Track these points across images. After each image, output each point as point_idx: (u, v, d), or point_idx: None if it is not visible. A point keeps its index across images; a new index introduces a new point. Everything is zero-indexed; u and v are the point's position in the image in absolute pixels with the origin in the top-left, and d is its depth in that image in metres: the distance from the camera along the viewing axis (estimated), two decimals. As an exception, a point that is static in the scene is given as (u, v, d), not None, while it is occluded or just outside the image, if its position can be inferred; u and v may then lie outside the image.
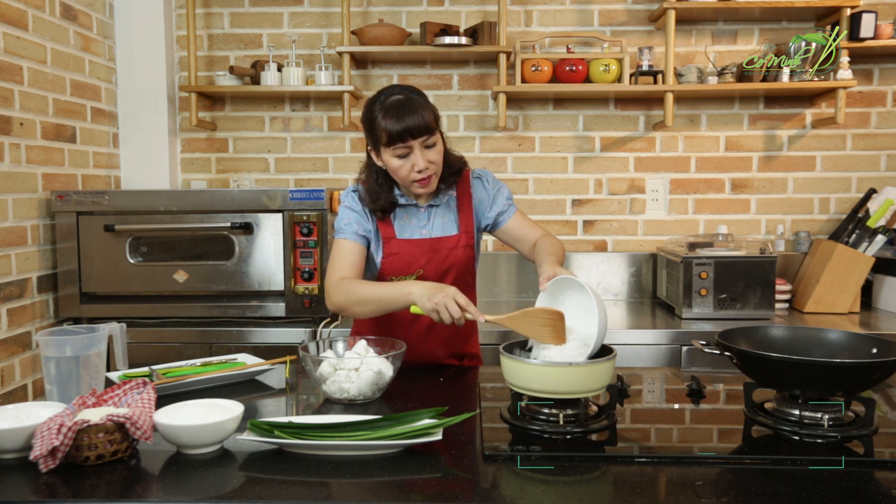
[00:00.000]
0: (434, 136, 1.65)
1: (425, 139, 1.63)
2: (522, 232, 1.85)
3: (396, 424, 1.22)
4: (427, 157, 1.65)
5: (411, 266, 1.75)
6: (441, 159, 1.70)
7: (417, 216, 1.79)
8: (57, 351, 1.37)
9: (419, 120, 1.61)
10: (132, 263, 2.54)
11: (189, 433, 1.17)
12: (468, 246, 1.80)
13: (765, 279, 2.57)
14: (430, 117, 1.64)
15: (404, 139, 1.61)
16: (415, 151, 1.64)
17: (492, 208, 1.85)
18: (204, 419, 1.19)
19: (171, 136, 3.05)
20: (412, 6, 3.03)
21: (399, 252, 1.76)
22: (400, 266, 1.75)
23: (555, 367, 1.27)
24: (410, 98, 1.65)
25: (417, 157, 1.64)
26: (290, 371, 1.65)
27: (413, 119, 1.60)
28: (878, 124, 3.00)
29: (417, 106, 1.63)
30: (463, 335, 1.87)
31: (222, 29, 3.08)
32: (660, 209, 3.07)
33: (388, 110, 1.62)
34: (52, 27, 2.53)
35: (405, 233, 1.78)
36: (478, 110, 3.07)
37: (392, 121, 1.61)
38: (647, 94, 2.91)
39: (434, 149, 1.67)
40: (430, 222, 1.79)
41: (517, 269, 3.03)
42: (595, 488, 1.10)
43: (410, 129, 1.60)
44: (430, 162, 1.66)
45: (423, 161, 1.64)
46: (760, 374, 1.33)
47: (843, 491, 1.04)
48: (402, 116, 1.60)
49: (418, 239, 1.77)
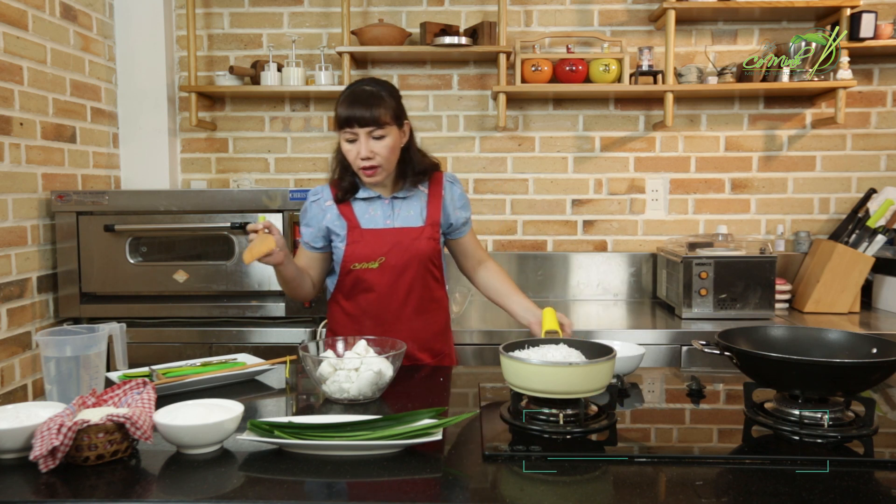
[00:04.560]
0: (382, 129, 1.74)
1: (371, 130, 1.73)
2: (472, 250, 2.01)
3: (396, 424, 1.22)
4: (371, 147, 1.74)
5: (373, 254, 1.82)
6: (389, 154, 1.77)
7: (382, 207, 1.86)
8: (57, 351, 1.37)
9: (367, 112, 1.72)
10: (132, 263, 2.54)
11: (189, 433, 1.17)
12: (432, 238, 1.86)
13: (765, 279, 2.57)
14: (383, 112, 1.73)
15: (350, 125, 1.73)
16: (360, 139, 1.74)
17: (455, 218, 1.93)
18: (204, 419, 1.19)
19: (171, 136, 3.05)
20: (412, 6, 3.04)
21: (361, 241, 1.84)
22: (362, 254, 1.83)
23: (555, 367, 1.27)
24: (371, 91, 1.76)
25: (362, 145, 1.74)
26: (290, 371, 1.65)
27: (361, 109, 1.72)
28: (878, 124, 3.00)
29: (373, 99, 1.74)
30: (434, 330, 1.91)
31: (222, 29, 3.09)
32: (660, 209, 3.07)
33: (346, 96, 1.76)
34: (52, 27, 2.53)
35: (369, 223, 1.86)
36: (478, 110, 3.07)
37: (344, 106, 1.74)
38: (647, 94, 2.91)
39: (381, 142, 1.75)
40: (394, 213, 1.86)
41: (517, 270, 3.03)
42: (595, 488, 1.10)
43: (356, 117, 1.72)
44: (374, 153, 1.74)
45: (365, 150, 1.74)
46: (760, 374, 1.33)
47: (844, 491, 1.04)
48: (353, 104, 1.73)
49: (381, 229, 1.84)
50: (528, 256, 3.04)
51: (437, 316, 1.93)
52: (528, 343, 1.42)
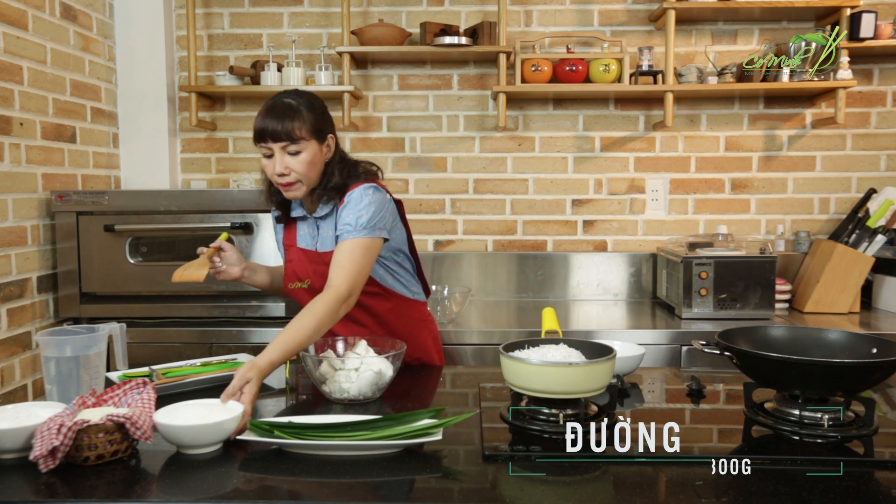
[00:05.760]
0: (296, 144, 1.65)
1: (285, 145, 1.65)
2: (331, 264, 1.66)
3: (396, 424, 1.22)
4: (286, 162, 1.66)
5: (302, 275, 1.79)
6: (306, 170, 1.68)
7: (311, 227, 1.81)
8: (57, 351, 1.37)
9: (279, 126, 1.64)
10: (132, 263, 2.54)
11: (189, 433, 1.17)
12: None
13: (765, 279, 2.57)
14: (297, 126, 1.64)
15: (264, 139, 1.66)
16: (276, 155, 1.67)
17: (338, 227, 1.73)
18: (204, 419, 1.19)
19: (171, 136, 3.05)
20: (412, 6, 3.03)
21: (293, 260, 1.82)
22: (292, 274, 1.81)
23: (555, 367, 1.27)
24: (287, 104, 1.67)
25: (277, 160, 1.67)
26: (290, 371, 1.65)
27: (273, 123, 1.64)
28: (878, 124, 3.00)
29: (287, 112, 1.65)
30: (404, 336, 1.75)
31: (222, 29, 3.09)
32: (660, 209, 3.07)
33: (262, 109, 1.68)
34: (52, 27, 2.53)
35: (301, 242, 1.82)
36: (478, 110, 3.07)
37: (258, 119, 1.67)
38: (647, 94, 2.91)
39: (297, 157, 1.66)
40: (318, 234, 1.79)
41: (517, 269, 3.03)
42: (595, 488, 1.10)
43: (268, 131, 1.64)
44: (289, 168, 1.67)
45: (280, 165, 1.66)
46: (760, 374, 1.33)
47: (843, 491, 1.04)
48: (266, 118, 1.65)
49: (308, 250, 1.80)
50: (528, 256, 3.04)
51: (401, 322, 1.83)
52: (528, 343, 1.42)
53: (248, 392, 1.34)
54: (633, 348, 1.67)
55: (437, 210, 3.09)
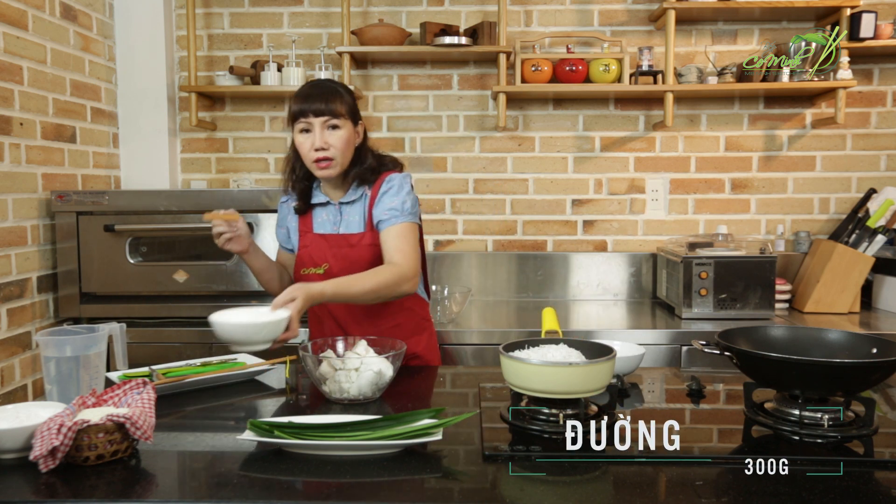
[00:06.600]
0: (337, 120, 1.74)
1: (326, 120, 1.73)
2: (385, 248, 1.76)
3: (396, 424, 1.22)
4: (326, 138, 1.74)
5: (319, 260, 1.82)
6: (344, 147, 1.76)
7: (332, 213, 1.86)
8: (57, 351, 1.37)
9: (322, 102, 1.73)
10: (132, 263, 2.54)
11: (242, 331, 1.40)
12: (373, 245, 1.80)
13: (765, 279, 2.57)
14: (337, 105, 1.74)
15: (305, 115, 1.74)
16: (315, 130, 1.74)
17: (375, 213, 1.79)
18: (255, 319, 1.41)
19: (171, 136, 3.05)
20: (412, 6, 3.04)
21: (309, 245, 1.85)
22: (308, 259, 1.84)
23: (555, 367, 1.27)
24: (329, 84, 1.79)
25: (316, 135, 1.74)
26: (290, 371, 1.65)
27: (317, 99, 1.73)
28: (878, 124, 3.00)
29: (330, 90, 1.76)
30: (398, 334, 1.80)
31: (222, 29, 3.09)
32: (660, 209, 3.07)
33: (301, 89, 1.78)
34: (52, 27, 2.53)
35: (319, 228, 1.87)
36: (478, 110, 3.07)
37: (299, 98, 1.76)
38: (647, 94, 2.91)
39: (336, 133, 1.75)
40: (341, 219, 1.85)
41: (517, 269, 3.03)
42: (595, 488, 1.10)
43: (312, 106, 1.73)
44: (329, 144, 1.74)
45: (320, 140, 1.73)
46: (760, 374, 1.33)
47: (843, 491, 1.04)
48: (308, 95, 1.75)
49: (328, 234, 1.85)
50: (528, 256, 3.04)
51: (399, 319, 1.86)
52: (528, 343, 1.42)
53: (294, 307, 1.50)
54: (633, 348, 1.67)
55: (437, 210, 3.09)
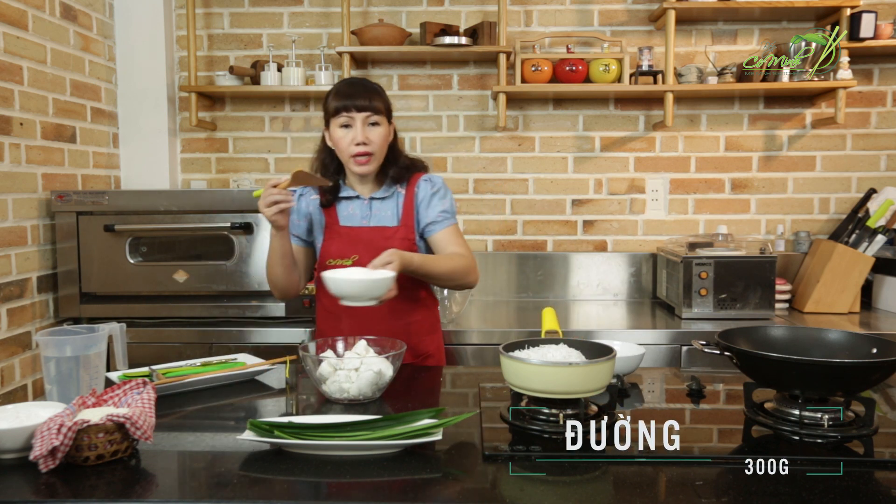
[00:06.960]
0: (378, 116, 1.80)
1: (368, 116, 1.78)
2: (443, 246, 1.87)
3: (396, 424, 1.22)
4: (367, 133, 1.78)
5: (348, 251, 1.84)
6: (381, 143, 1.82)
7: (360, 207, 1.89)
8: (57, 351, 1.37)
9: (364, 98, 1.78)
10: (132, 263, 2.54)
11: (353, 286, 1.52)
12: (406, 239, 1.85)
13: (765, 279, 2.57)
14: (378, 102, 1.80)
15: (349, 110, 1.78)
16: (356, 125, 1.78)
17: (426, 215, 1.88)
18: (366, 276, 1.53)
19: (171, 136, 3.05)
20: (412, 6, 3.04)
21: (336, 238, 1.87)
22: (337, 250, 1.86)
23: (555, 367, 1.27)
24: (369, 83, 1.85)
25: (358, 129, 1.78)
26: (290, 371, 1.65)
27: (359, 96, 1.78)
28: (878, 124, 3.00)
29: (369, 88, 1.82)
30: (415, 331, 1.86)
31: (222, 29, 3.09)
32: (660, 209, 3.07)
33: (341, 85, 1.84)
34: (52, 27, 2.53)
35: (346, 221, 1.89)
36: (478, 110, 3.07)
37: (340, 94, 1.80)
38: (647, 94, 2.91)
39: (376, 130, 1.80)
40: (371, 213, 1.88)
41: (517, 269, 3.03)
42: (595, 488, 1.10)
43: (356, 102, 1.78)
44: (369, 139, 1.79)
45: (361, 135, 1.78)
46: (760, 374, 1.33)
47: (843, 491, 1.04)
48: (349, 91, 1.80)
49: (357, 227, 1.87)
50: (528, 256, 3.04)
51: (418, 316, 1.89)
52: (528, 343, 1.42)
53: (393, 268, 1.58)
54: (633, 348, 1.67)
55: (437, 210, 3.09)
